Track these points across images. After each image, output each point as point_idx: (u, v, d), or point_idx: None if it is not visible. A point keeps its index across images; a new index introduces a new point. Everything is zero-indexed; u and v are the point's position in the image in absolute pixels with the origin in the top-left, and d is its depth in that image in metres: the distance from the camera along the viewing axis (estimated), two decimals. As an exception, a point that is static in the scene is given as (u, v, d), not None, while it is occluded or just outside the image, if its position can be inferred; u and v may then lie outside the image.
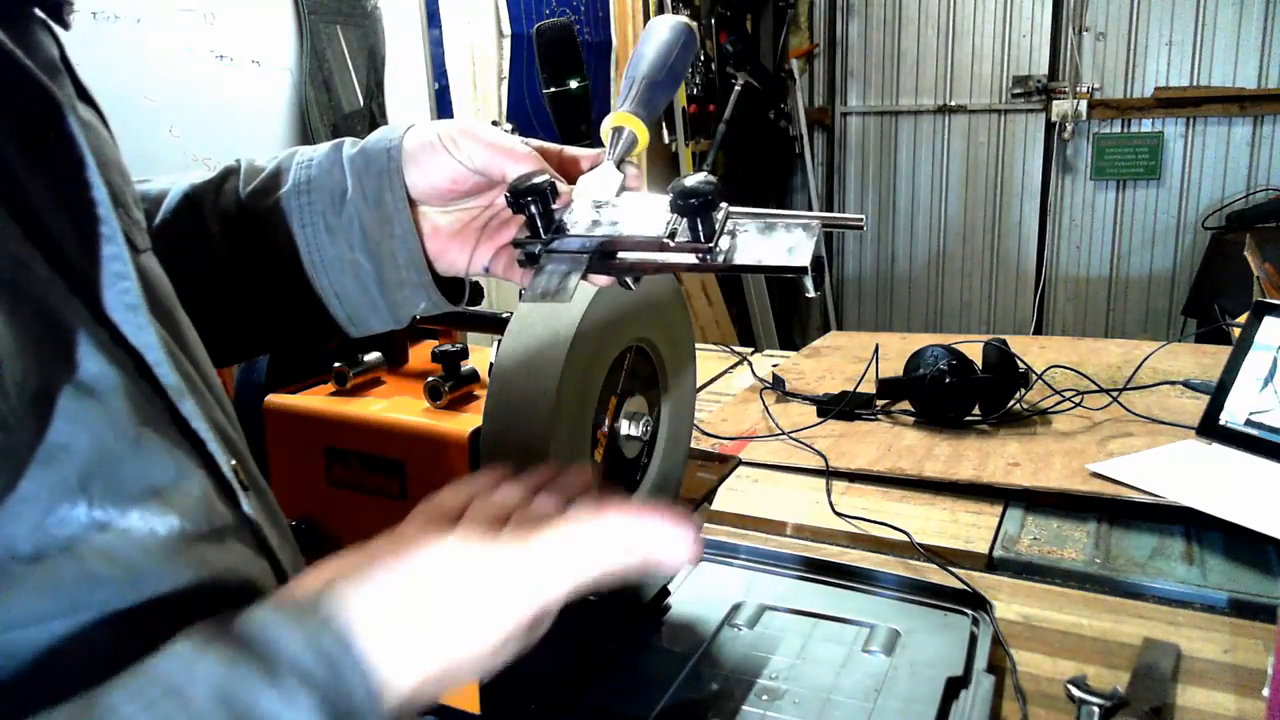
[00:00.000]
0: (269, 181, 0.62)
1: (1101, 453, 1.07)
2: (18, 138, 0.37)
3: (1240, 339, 1.09)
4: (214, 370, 0.50)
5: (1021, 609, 0.81)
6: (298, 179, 0.61)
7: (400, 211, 0.59)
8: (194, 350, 0.48)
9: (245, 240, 0.61)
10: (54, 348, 0.36)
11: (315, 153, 0.62)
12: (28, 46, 0.39)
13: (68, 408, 0.36)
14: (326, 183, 0.60)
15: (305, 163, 0.62)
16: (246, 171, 0.63)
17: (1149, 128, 3.89)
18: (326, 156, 0.61)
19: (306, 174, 0.61)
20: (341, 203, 0.60)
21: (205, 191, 0.62)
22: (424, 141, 0.59)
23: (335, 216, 0.60)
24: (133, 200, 0.48)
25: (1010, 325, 4.30)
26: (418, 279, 0.59)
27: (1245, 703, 0.68)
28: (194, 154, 1.72)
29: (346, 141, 0.61)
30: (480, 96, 2.54)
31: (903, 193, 4.39)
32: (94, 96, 0.48)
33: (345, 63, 1.99)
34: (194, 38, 1.70)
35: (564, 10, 2.81)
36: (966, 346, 1.21)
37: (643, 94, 0.58)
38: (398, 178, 0.59)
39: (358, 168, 0.60)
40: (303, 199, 0.60)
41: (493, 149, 0.56)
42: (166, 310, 0.47)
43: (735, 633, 0.77)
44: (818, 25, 4.38)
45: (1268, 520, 0.86)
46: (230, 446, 0.46)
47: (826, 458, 1.11)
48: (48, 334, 0.36)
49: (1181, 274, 3.95)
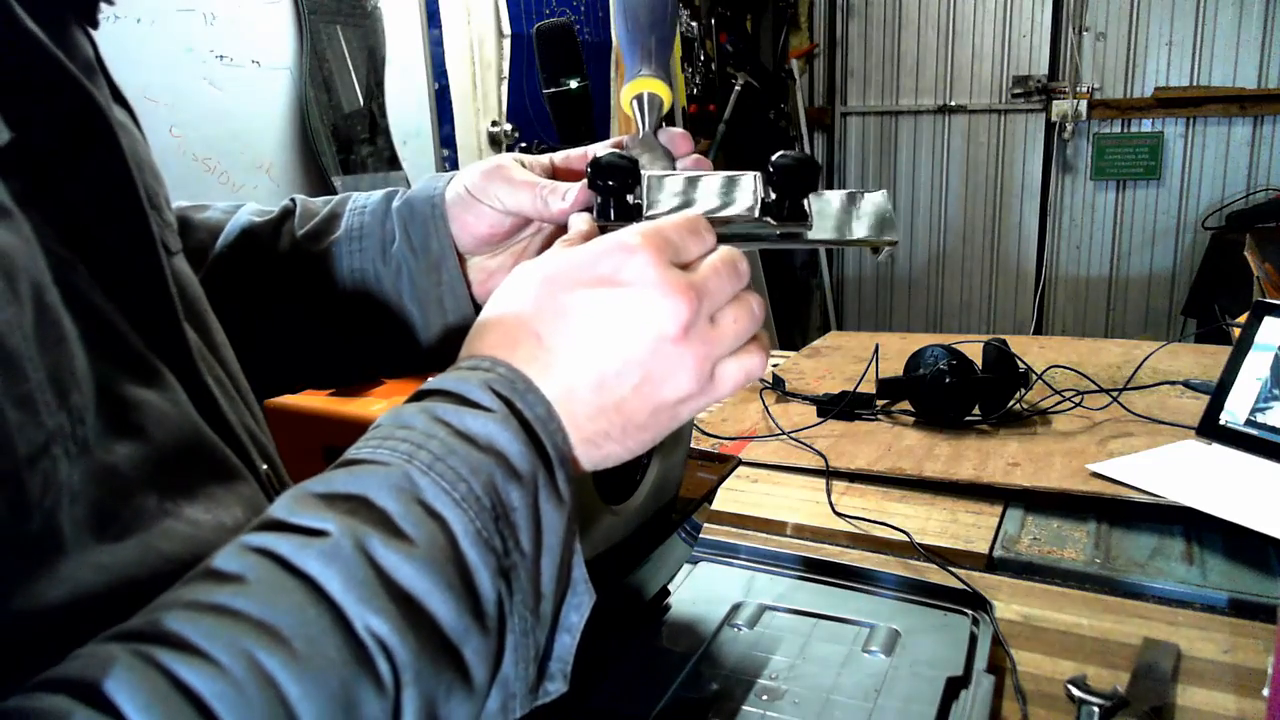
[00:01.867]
0: (323, 225, 0.63)
1: (1101, 453, 1.07)
2: (60, 141, 0.37)
3: (1240, 339, 1.09)
4: (243, 376, 0.50)
5: (1021, 609, 0.81)
6: (350, 225, 0.62)
7: (448, 257, 0.59)
8: (224, 354, 0.48)
9: (298, 282, 0.61)
10: (108, 345, 0.37)
11: (369, 200, 0.63)
12: (66, 47, 0.39)
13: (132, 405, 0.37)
14: (377, 231, 0.61)
15: (359, 209, 0.62)
16: (302, 213, 0.64)
17: (1149, 128, 3.89)
18: (379, 205, 0.62)
19: (359, 220, 0.62)
20: (388, 250, 0.60)
21: (264, 230, 0.63)
22: (456, 195, 0.59)
23: (383, 264, 0.60)
24: (165, 202, 0.48)
25: (1010, 325, 4.30)
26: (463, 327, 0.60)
27: (1245, 703, 0.68)
28: (194, 154, 1.73)
29: (398, 191, 0.62)
30: (480, 96, 2.54)
31: (903, 193, 4.39)
32: (126, 97, 0.48)
33: (345, 63, 1.99)
34: (194, 38, 1.70)
35: (564, 10, 2.81)
36: (966, 346, 1.21)
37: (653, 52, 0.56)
38: (443, 223, 0.59)
39: (403, 217, 0.61)
40: (354, 244, 0.61)
41: (523, 187, 0.57)
42: (197, 313, 0.47)
43: (735, 633, 0.77)
44: (818, 25, 4.38)
45: (1268, 520, 0.86)
46: (261, 451, 0.46)
47: (826, 458, 1.11)
48: (101, 332, 0.36)
49: (1181, 274, 3.95)
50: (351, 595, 0.30)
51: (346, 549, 0.31)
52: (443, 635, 0.32)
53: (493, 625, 0.34)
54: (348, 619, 0.30)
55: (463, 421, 0.36)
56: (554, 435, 0.38)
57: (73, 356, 0.33)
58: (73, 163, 0.38)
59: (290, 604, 0.29)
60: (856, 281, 4.62)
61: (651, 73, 0.56)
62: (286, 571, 0.30)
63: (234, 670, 0.27)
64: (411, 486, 0.34)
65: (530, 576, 0.36)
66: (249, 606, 0.29)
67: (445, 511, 0.34)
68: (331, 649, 0.29)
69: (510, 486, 0.36)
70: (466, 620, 0.33)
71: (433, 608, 0.32)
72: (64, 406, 0.32)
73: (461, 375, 0.39)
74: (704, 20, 3.77)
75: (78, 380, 0.33)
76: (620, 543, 0.62)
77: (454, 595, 0.33)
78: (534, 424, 0.37)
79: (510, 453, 0.36)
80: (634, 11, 0.57)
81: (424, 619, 0.32)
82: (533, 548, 0.36)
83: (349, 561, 0.31)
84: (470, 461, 0.35)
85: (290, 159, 1.92)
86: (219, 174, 1.78)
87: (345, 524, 0.32)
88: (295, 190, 1.93)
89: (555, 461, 0.38)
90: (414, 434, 0.36)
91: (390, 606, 0.31)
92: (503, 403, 0.37)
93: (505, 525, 0.35)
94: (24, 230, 0.33)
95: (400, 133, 2.16)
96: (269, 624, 0.29)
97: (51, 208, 0.36)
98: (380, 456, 0.35)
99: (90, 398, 0.34)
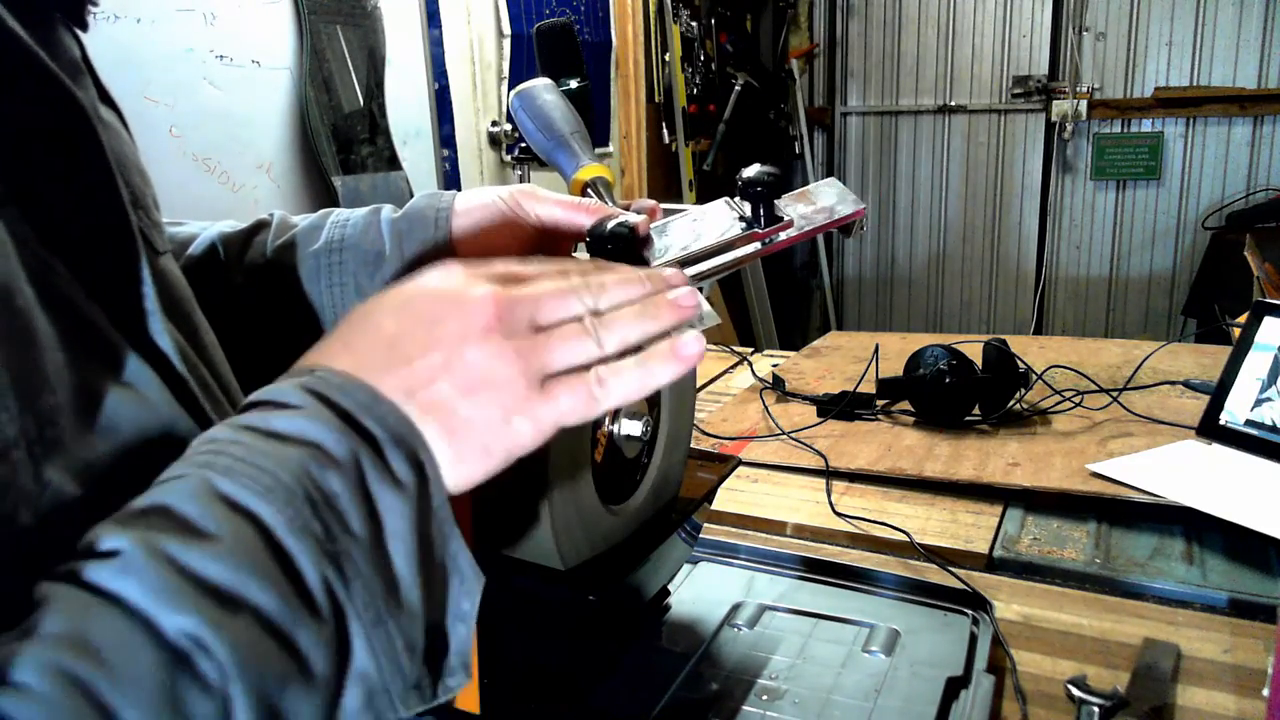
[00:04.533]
0: (300, 237, 0.62)
1: (1101, 453, 1.07)
2: (40, 140, 0.37)
3: (1240, 339, 1.09)
4: (232, 377, 0.50)
5: (1021, 609, 0.81)
6: (330, 237, 0.61)
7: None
8: (212, 355, 0.48)
9: (269, 293, 0.61)
10: (89, 345, 0.37)
11: (352, 214, 0.63)
12: (51, 48, 0.39)
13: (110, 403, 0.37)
14: (361, 243, 0.60)
15: (340, 222, 0.62)
16: (278, 226, 0.63)
17: (1149, 128, 3.89)
18: (364, 218, 0.62)
19: (340, 233, 0.61)
20: (376, 265, 0.60)
21: (234, 241, 0.62)
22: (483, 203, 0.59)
23: (368, 279, 0.60)
24: (152, 202, 0.48)
25: (1010, 325, 4.30)
26: None
27: (1245, 703, 0.68)
28: (194, 154, 1.73)
29: (387, 206, 0.62)
30: (480, 96, 2.54)
31: (903, 193, 4.39)
32: (113, 97, 0.48)
33: (345, 63, 1.99)
34: (194, 38, 1.70)
35: (564, 10, 2.81)
36: (966, 346, 1.21)
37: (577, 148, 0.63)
38: (445, 245, 0.59)
39: (399, 230, 0.60)
40: (334, 257, 0.60)
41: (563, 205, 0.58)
42: (184, 313, 0.47)
43: (735, 633, 0.77)
44: (818, 25, 4.38)
45: (1268, 520, 0.86)
46: None
47: (826, 458, 1.11)
48: (81, 332, 0.36)
49: (1181, 274, 3.95)
50: (153, 601, 0.30)
51: (139, 558, 0.30)
52: (267, 623, 0.32)
53: (325, 612, 0.33)
54: (155, 624, 0.30)
55: (268, 423, 0.36)
56: (383, 419, 0.37)
57: (44, 358, 0.33)
58: (53, 162, 0.38)
59: (95, 618, 0.29)
60: (856, 282, 4.62)
61: (589, 161, 0.62)
62: (87, 592, 0.30)
63: (45, 689, 0.27)
64: (211, 488, 0.33)
65: (371, 561, 0.35)
66: (54, 626, 0.29)
67: (250, 504, 0.33)
68: (145, 655, 0.29)
69: (327, 473, 0.35)
70: (292, 607, 0.32)
71: (250, 597, 0.31)
72: (30, 409, 0.32)
73: (276, 385, 0.38)
74: (704, 20, 3.77)
75: (50, 382, 0.33)
76: (620, 543, 0.62)
77: (271, 583, 0.32)
78: (353, 411, 0.37)
79: (324, 441, 0.35)
80: (544, 126, 0.63)
81: (242, 610, 0.31)
82: (368, 532, 0.35)
83: (143, 570, 0.30)
84: (277, 456, 0.35)
85: (290, 159, 1.92)
86: (219, 174, 1.78)
87: (138, 536, 0.31)
88: (295, 190, 1.93)
89: (385, 442, 0.36)
90: (215, 444, 0.35)
91: (200, 603, 0.30)
92: (313, 398, 0.37)
93: (327, 511, 0.34)
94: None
95: (400, 133, 2.16)
96: (77, 638, 0.29)
97: (31, 206, 0.36)
98: (179, 472, 0.34)
99: (66, 397, 0.34)
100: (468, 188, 2.54)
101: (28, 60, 0.36)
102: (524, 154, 2.46)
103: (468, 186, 2.47)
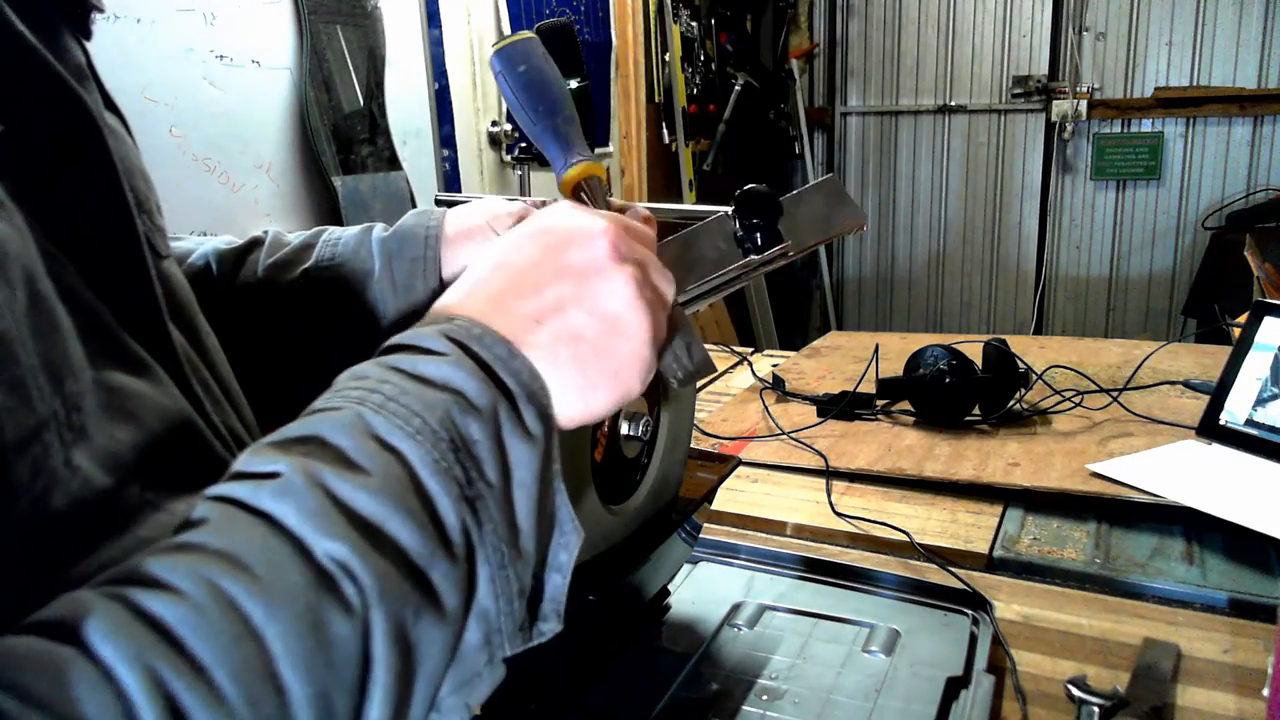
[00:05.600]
0: (292, 256, 0.62)
1: (1101, 453, 1.07)
2: (49, 144, 0.38)
3: (1240, 339, 1.09)
4: (234, 380, 0.50)
5: (1021, 609, 0.81)
6: (321, 256, 0.61)
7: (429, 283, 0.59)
8: (213, 358, 0.49)
9: (260, 312, 0.61)
10: (103, 340, 0.37)
11: (344, 232, 0.63)
12: (57, 54, 0.39)
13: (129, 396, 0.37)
14: (352, 262, 0.61)
15: (332, 241, 0.62)
16: (271, 244, 0.64)
17: (1149, 128, 3.90)
18: (355, 237, 0.62)
19: (331, 252, 0.62)
20: (366, 284, 0.60)
21: (227, 258, 0.63)
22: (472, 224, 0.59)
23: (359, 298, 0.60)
24: (155, 207, 0.48)
25: (1010, 325, 4.30)
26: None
27: (1245, 703, 0.67)
28: (194, 154, 1.73)
29: (378, 226, 0.62)
30: (480, 96, 2.54)
31: (903, 193, 4.39)
32: (117, 103, 0.48)
33: (345, 63, 2.00)
34: (194, 38, 1.70)
35: (564, 10, 2.81)
36: (966, 346, 1.21)
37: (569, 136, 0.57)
38: (433, 264, 0.59)
39: (389, 250, 0.60)
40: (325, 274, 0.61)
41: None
42: (186, 317, 0.47)
43: (735, 633, 0.77)
44: (818, 25, 4.38)
45: (1268, 520, 0.86)
46: None
47: (826, 458, 1.11)
48: (94, 328, 0.37)
49: (1181, 274, 3.95)
50: (308, 524, 0.31)
51: (299, 483, 0.32)
52: (407, 559, 0.33)
53: (460, 552, 0.35)
54: (306, 546, 0.31)
55: (416, 367, 0.37)
56: (518, 373, 0.39)
57: (67, 345, 0.34)
58: (62, 166, 0.38)
59: (249, 536, 0.31)
60: (856, 282, 4.62)
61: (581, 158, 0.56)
62: (244, 510, 0.31)
63: (195, 595, 0.28)
64: (364, 424, 0.35)
65: (501, 508, 0.37)
66: (209, 540, 0.30)
67: (400, 444, 0.35)
68: (293, 573, 0.30)
69: (469, 420, 0.36)
70: (431, 545, 0.34)
71: (393, 532, 0.33)
72: (58, 393, 0.33)
73: (417, 330, 0.40)
74: (704, 20, 3.77)
75: (74, 369, 0.34)
76: (620, 543, 0.62)
77: (415, 521, 0.33)
78: (492, 364, 0.38)
79: (466, 389, 0.37)
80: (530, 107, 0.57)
81: (386, 543, 0.33)
82: (500, 480, 0.37)
83: (302, 494, 0.32)
84: (424, 399, 0.36)
85: (290, 159, 1.92)
86: (219, 174, 1.78)
87: (298, 463, 0.33)
88: (295, 190, 1.93)
89: (520, 396, 0.38)
90: (367, 382, 0.37)
91: (349, 532, 0.32)
92: (457, 346, 0.38)
93: (466, 457, 0.36)
94: (16, 220, 0.33)
95: (400, 133, 2.16)
96: (229, 553, 0.30)
97: (40, 209, 0.36)
98: (333, 404, 0.36)
99: (87, 385, 0.35)
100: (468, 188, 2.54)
101: (37, 64, 0.37)
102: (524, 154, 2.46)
103: (468, 187, 2.47)
